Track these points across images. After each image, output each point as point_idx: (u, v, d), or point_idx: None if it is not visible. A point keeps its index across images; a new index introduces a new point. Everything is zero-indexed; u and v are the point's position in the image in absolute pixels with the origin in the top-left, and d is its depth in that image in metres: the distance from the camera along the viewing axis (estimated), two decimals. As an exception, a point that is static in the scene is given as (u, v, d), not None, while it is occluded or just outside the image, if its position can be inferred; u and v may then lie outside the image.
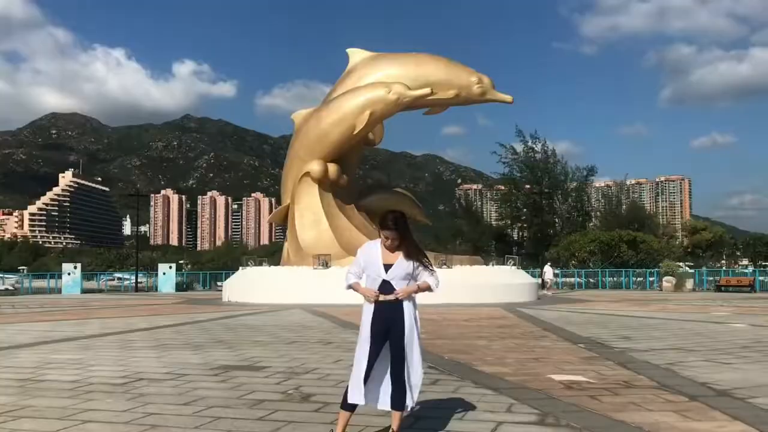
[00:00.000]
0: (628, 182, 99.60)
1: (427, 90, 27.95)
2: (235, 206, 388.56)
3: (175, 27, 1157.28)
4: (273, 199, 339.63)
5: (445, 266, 26.52)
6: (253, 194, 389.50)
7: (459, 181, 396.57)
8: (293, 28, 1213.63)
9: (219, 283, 49.57)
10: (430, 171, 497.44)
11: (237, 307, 25.19)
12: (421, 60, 30.57)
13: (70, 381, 8.22)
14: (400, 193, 37.30)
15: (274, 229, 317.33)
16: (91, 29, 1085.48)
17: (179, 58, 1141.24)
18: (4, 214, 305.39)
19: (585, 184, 70.84)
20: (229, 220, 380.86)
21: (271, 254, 66.93)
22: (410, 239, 5.16)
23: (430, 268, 5.21)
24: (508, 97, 31.23)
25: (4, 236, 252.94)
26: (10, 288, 47.05)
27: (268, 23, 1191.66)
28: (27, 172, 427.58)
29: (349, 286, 5.23)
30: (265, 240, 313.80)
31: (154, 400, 7.01)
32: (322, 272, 26.99)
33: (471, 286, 24.86)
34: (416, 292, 5.15)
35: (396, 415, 5.15)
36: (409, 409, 5.19)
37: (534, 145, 68.58)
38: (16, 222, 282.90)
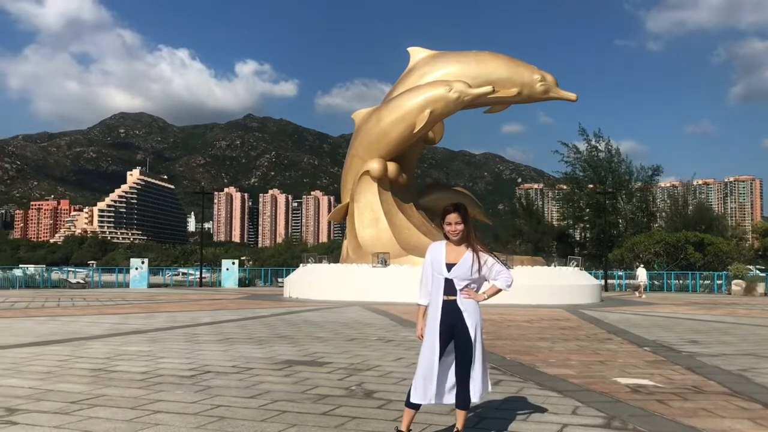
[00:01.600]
0: (695, 182, 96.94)
1: (488, 88, 27.72)
2: (295, 204, 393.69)
3: (237, 27, 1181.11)
4: (332, 198, 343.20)
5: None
6: (312, 192, 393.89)
7: (519, 180, 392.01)
8: (353, 28, 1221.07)
9: (280, 280, 50.32)
10: (490, 170, 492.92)
11: (298, 303, 25.53)
12: (483, 58, 30.32)
13: (141, 372, 8.48)
14: (459, 192, 37.09)
15: (332, 226, 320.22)
16: (156, 30, 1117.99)
17: (242, 59, 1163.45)
18: (74, 210, 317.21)
19: (650, 184, 69.11)
20: (289, 217, 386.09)
21: (330, 252, 67.55)
22: (472, 231, 5.14)
23: (501, 263, 5.16)
24: (571, 95, 30.73)
25: (75, 232, 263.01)
26: (81, 282, 48.71)
27: (328, 23, 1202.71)
28: (96, 170, 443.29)
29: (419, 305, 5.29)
30: (323, 238, 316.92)
31: (222, 392, 7.17)
32: (381, 270, 27.11)
33: (532, 287, 24.53)
34: (483, 299, 5.13)
35: (460, 414, 5.13)
36: (478, 400, 5.16)
37: (597, 144, 67.34)
38: (86, 218, 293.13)
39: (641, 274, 38.92)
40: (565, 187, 71.63)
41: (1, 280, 46.30)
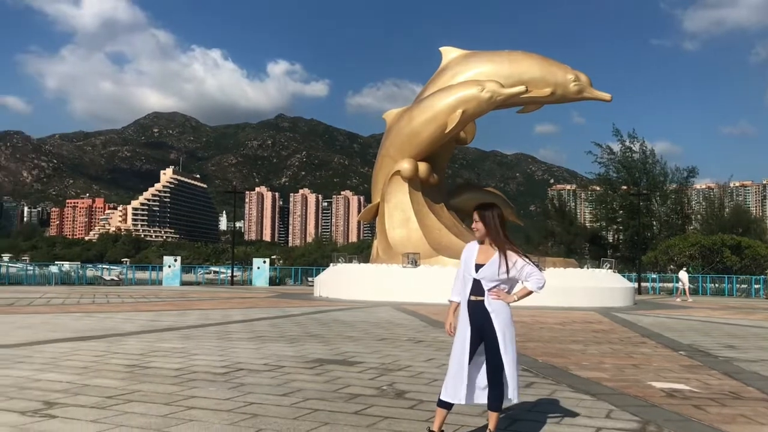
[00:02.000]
0: (731, 184, 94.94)
1: (521, 88, 27.53)
2: (325, 204, 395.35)
3: (269, 28, 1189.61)
4: (362, 198, 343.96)
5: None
6: (342, 192, 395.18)
7: (551, 181, 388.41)
8: (385, 28, 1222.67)
9: (310, 279, 50.58)
10: (522, 170, 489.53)
11: (328, 303, 25.63)
12: (516, 57, 30.12)
13: (175, 368, 8.58)
14: (491, 193, 36.89)
15: (362, 226, 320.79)
16: (189, 31, 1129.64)
17: (273, 59, 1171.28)
18: (109, 208, 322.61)
19: (685, 185, 68.09)
20: (320, 217, 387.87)
21: (360, 251, 67.67)
22: (493, 231, 5.07)
23: (532, 265, 5.10)
24: (606, 96, 30.37)
25: (109, 229, 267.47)
26: (115, 279, 49.52)
27: (359, 23, 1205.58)
28: (131, 169, 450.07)
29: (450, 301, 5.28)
30: (353, 237, 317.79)
31: (254, 390, 7.22)
32: (411, 270, 27.08)
33: (564, 289, 24.29)
34: (513, 301, 5.09)
35: (492, 416, 5.11)
36: (512, 400, 5.12)
37: (632, 145, 66.55)
38: (121, 216, 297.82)
39: (683, 277, 38.17)
40: (598, 188, 70.95)
41: (38, 276, 47.25)
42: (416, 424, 5.78)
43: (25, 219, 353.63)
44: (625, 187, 65.98)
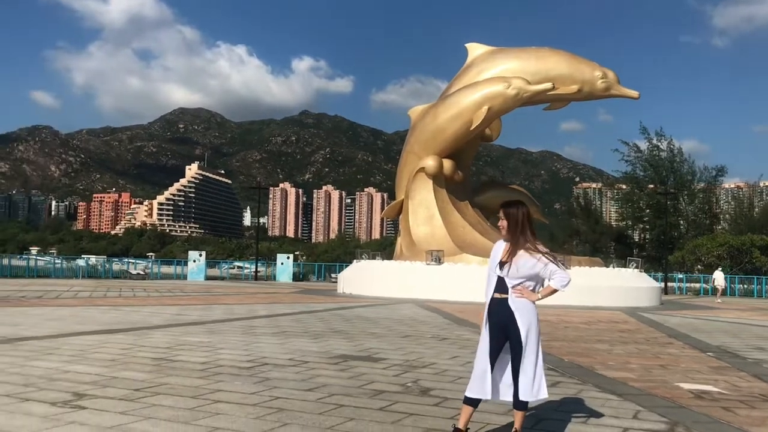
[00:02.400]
0: (761, 184, 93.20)
1: (548, 85, 27.30)
2: (349, 200, 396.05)
3: (293, 24, 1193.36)
4: (385, 194, 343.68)
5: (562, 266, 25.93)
6: (366, 189, 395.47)
7: (577, 179, 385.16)
8: (409, 24, 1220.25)
9: (333, 275, 50.67)
10: (547, 168, 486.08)
11: (351, 299, 25.69)
12: (542, 54, 29.87)
13: (201, 362, 8.65)
14: (515, 190, 36.66)
15: (385, 223, 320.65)
16: (215, 27, 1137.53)
17: (298, 55, 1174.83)
18: (135, 203, 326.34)
19: (713, 184, 67.06)
20: (343, 213, 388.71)
21: (383, 248, 67.65)
22: (521, 230, 5.03)
23: (556, 263, 5.05)
24: (634, 93, 30.01)
25: (135, 224, 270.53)
26: (141, 273, 50.05)
27: (384, 19, 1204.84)
28: (156, 164, 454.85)
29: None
30: (376, 234, 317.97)
31: (279, 384, 7.26)
32: (435, 268, 27.02)
33: (589, 288, 24.06)
34: (537, 299, 5.05)
35: (518, 415, 5.09)
36: (540, 397, 5.09)
37: (659, 143, 65.64)
38: (146, 211, 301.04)
39: (718, 277, 37.44)
40: (624, 186, 70.13)
41: (65, 269, 47.95)
42: (441, 421, 5.77)
43: (52, 213, 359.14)
44: (652, 186, 65.19)
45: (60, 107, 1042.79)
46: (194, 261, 48.12)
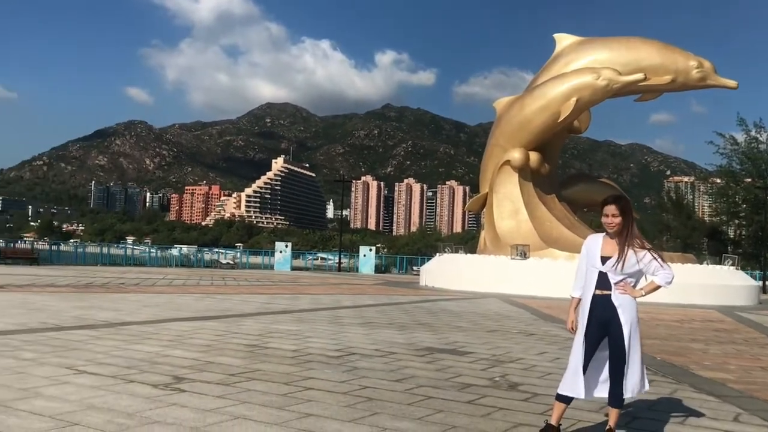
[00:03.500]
0: None
1: (639, 76, 26.40)
2: (430, 193, 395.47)
3: (376, 17, 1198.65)
4: (467, 188, 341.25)
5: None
6: (447, 182, 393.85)
7: (668, 172, 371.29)
8: (493, 15, 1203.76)
9: (415, 268, 50.83)
10: (636, 161, 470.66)
11: (434, 292, 25.70)
12: (633, 44, 28.89)
13: (291, 350, 8.88)
14: (605, 184, 35.64)
15: (467, 217, 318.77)
16: (299, 22, 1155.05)
17: (381, 48, 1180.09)
18: (224, 195, 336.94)
19: (818, 178, 63.22)
20: (424, 206, 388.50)
21: (465, 242, 67.30)
22: (631, 225, 4.96)
23: (660, 260, 4.94)
24: (731, 83, 28.63)
25: (224, 215, 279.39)
26: (230, 262, 51.77)
27: (467, 11, 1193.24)
28: (244, 158, 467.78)
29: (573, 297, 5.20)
30: (457, 228, 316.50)
31: (368, 374, 7.36)
32: (520, 263, 26.67)
33: (682, 285, 23.03)
34: (640, 295, 4.95)
35: (613, 413, 4.99)
36: (633, 395, 5.00)
37: (758, 135, 62.35)
38: (235, 203, 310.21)
39: None
40: (719, 180, 67.05)
41: (160, 258, 50.10)
42: (532, 416, 5.72)
43: (147, 204, 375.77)
44: (749, 180, 62.07)
45: (154, 103, 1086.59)
46: (281, 252, 49.30)
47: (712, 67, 28.20)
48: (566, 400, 4.97)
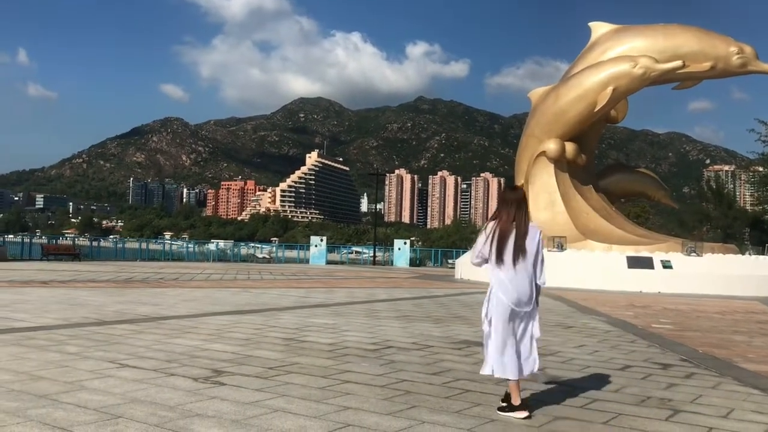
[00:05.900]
0: None
1: (678, 63, 25.90)
2: (464, 186, 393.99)
3: (406, 8, 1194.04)
4: (501, 179, 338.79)
5: (694, 254, 24.65)
6: (481, 174, 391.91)
7: (707, 161, 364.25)
8: (525, 4, 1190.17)
9: (449, 261, 50.71)
10: (675, 150, 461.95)
11: (470, 285, 25.59)
12: (671, 31, 28.35)
13: (328, 343, 8.93)
14: (644, 174, 35.13)
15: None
16: (330, 16, 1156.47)
17: (412, 40, 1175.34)
18: (259, 190, 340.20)
19: None
20: (458, 199, 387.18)
21: (501, 234, 66.49)
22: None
23: None
24: (775, 68, 27.94)
25: (259, 210, 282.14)
26: (266, 257, 52.26)
27: (499, 1, 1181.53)
28: (278, 153, 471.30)
29: None
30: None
31: (405, 367, 7.37)
32: (557, 254, 26.39)
33: (723, 276, 22.76)
34: None
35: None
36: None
37: (802, 121, 60.71)
38: (270, 198, 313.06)
39: None
40: (761, 168, 65.47)
41: (197, 253, 50.75)
42: (570, 409, 5.66)
43: (184, 200, 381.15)
44: (793, 168, 60.54)
45: (189, 99, 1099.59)
46: (316, 246, 49.60)
47: (753, 53, 27.54)
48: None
